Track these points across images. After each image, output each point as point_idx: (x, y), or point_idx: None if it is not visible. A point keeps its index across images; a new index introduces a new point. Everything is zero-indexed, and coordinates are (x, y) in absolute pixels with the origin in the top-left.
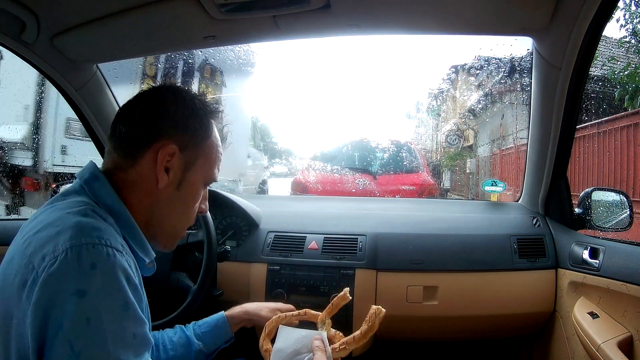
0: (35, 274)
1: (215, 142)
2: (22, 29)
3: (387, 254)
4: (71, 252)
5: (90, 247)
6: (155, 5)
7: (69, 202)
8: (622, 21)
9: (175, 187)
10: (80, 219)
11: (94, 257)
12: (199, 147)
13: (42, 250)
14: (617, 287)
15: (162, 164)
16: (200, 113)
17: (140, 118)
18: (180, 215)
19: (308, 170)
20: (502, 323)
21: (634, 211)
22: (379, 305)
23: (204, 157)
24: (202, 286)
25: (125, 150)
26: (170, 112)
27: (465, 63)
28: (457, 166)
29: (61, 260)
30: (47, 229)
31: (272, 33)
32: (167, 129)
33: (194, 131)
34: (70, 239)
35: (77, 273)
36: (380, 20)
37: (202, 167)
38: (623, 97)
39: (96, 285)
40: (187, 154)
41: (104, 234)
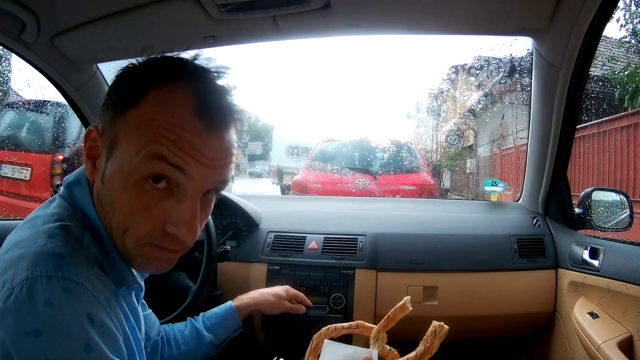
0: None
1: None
2: (22, 29)
3: (387, 254)
4: (26, 286)
5: (45, 281)
6: (155, 5)
7: (45, 215)
8: (622, 21)
9: (100, 180)
10: (44, 242)
11: (48, 293)
12: (116, 122)
13: (4, 275)
14: (617, 287)
15: (86, 151)
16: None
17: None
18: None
19: (308, 170)
20: (502, 323)
21: (634, 211)
22: (378, 305)
23: (125, 134)
24: (202, 286)
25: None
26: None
27: (465, 63)
28: (457, 166)
29: (16, 295)
30: (14, 249)
31: (272, 33)
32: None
33: (113, 103)
34: (26, 269)
35: (31, 311)
36: (380, 20)
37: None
38: (623, 97)
39: (52, 325)
40: (106, 135)
41: (64, 263)
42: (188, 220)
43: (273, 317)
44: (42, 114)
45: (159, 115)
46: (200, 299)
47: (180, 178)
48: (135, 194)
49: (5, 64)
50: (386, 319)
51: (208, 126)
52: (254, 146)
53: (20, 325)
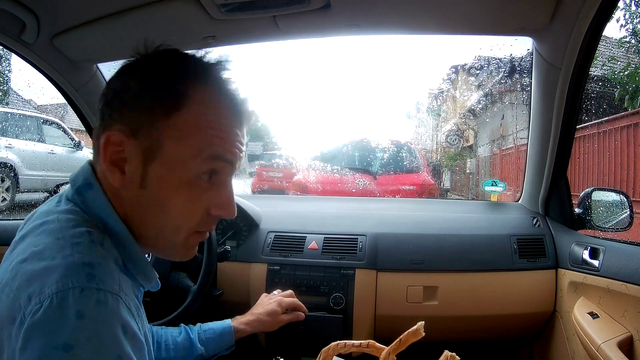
0: (22, 315)
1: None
2: (22, 29)
3: (387, 254)
4: (56, 299)
5: (78, 292)
6: (155, 6)
7: (60, 220)
8: (622, 21)
9: (138, 186)
10: (70, 252)
11: (81, 305)
12: (160, 126)
13: (28, 289)
14: (617, 287)
15: (108, 158)
16: (165, 77)
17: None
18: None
19: (308, 170)
20: (502, 323)
21: (634, 211)
22: (378, 305)
23: (176, 139)
24: (202, 286)
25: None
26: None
27: (465, 63)
28: (457, 166)
29: (46, 308)
30: (35, 260)
31: (272, 33)
32: (115, 111)
33: (149, 105)
34: (56, 282)
35: (62, 324)
36: (380, 20)
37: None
38: (623, 97)
39: (84, 338)
40: (143, 139)
41: (96, 273)
42: (231, 200)
43: None
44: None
45: (207, 117)
46: (200, 298)
47: (228, 170)
48: (189, 191)
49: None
50: (397, 342)
51: (241, 121)
52: (254, 146)
53: (50, 340)
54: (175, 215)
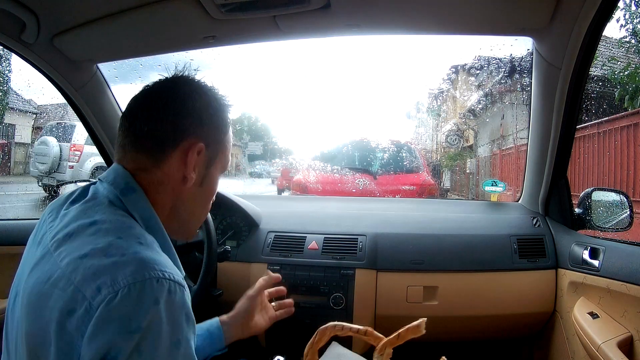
0: (88, 305)
1: (230, 135)
2: (22, 29)
3: (387, 254)
4: (134, 288)
5: (155, 282)
6: (155, 5)
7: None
8: (622, 21)
9: (199, 184)
10: (139, 249)
11: (157, 293)
12: (220, 142)
13: (97, 281)
14: (617, 287)
15: (191, 163)
16: (221, 107)
17: (165, 115)
18: (201, 209)
19: (308, 170)
20: (502, 323)
21: (634, 211)
22: (378, 305)
23: (223, 151)
24: (202, 286)
25: (149, 150)
26: (195, 107)
27: (465, 63)
28: (457, 166)
29: (123, 295)
30: (98, 256)
31: (272, 33)
32: (193, 127)
33: (217, 126)
34: (132, 274)
35: (139, 309)
36: (380, 20)
37: (221, 161)
38: (623, 97)
39: (155, 321)
40: (210, 151)
41: (166, 267)
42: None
43: None
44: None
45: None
46: (200, 298)
47: None
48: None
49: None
50: (396, 335)
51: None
52: (254, 146)
53: (126, 324)
54: (209, 201)
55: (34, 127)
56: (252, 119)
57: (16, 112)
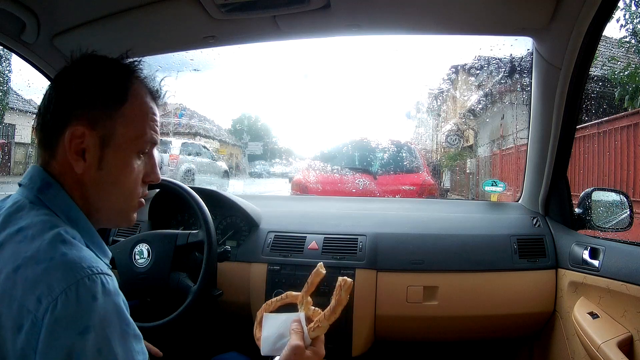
0: (34, 317)
1: (137, 103)
2: (22, 29)
3: (387, 254)
4: (70, 291)
5: (87, 280)
6: (155, 5)
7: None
8: (622, 21)
9: (96, 168)
10: (64, 251)
11: (92, 290)
12: (113, 117)
13: (35, 292)
14: (617, 287)
15: (73, 149)
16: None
17: (49, 104)
18: (116, 195)
19: (308, 170)
20: (502, 323)
21: (634, 211)
22: (378, 305)
23: (124, 125)
24: (202, 286)
25: (44, 143)
26: (76, 89)
27: (465, 63)
28: (457, 166)
29: (63, 301)
30: (30, 265)
31: (272, 33)
32: (74, 110)
33: (103, 102)
34: (64, 278)
35: (81, 310)
36: (380, 20)
37: (126, 137)
38: (623, 97)
39: (99, 316)
40: (100, 130)
41: (91, 261)
42: (156, 167)
43: None
44: None
45: (143, 106)
46: (200, 298)
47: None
48: (134, 166)
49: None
50: (307, 284)
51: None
52: (254, 146)
53: (74, 328)
54: (126, 186)
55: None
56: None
57: (16, 112)
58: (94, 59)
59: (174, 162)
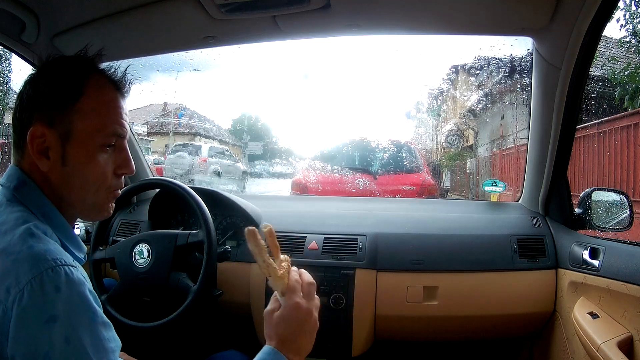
0: (4, 307)
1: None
2: (22, 29)
3: (387, 254)
4: (35, 282)
5: (50, 272)
6: (155, 5)
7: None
8: (622, 21)
9: (60, 165)
10: (31, 244)
11: (55, 281)
12: (68, 114)
13: (4, 283)
14: (617, 287)
15: (35, 149)
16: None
17: (15, 109)
18: (84, 190)
19: (308, 170)
20: (502, 323)
21: (634, 211)
22: (378, 305)
23: (82, 120)
24: (202, 286)
25: (15, 145)
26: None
27: (465, 63)
28: (457, 166)
29: (28, 292)
30: (1, 257)
31: (272, 33)
32: (34, 112)
33: (58, 100)
34: (30, 269)
35: (45, 300)
36: (380, 20)
37: (86, 131)
38: (623, 97)
39: (64, 306)
40: (58, 127)
41: (56, 254)
42: (129, 160)
43: None
44: None
45: (102, 97)
46: (200, 298)
47: (123, 140)
48: (98, 159)
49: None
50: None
51: (123, 95)
52: (254, 146)
53: (39, 317)
54: (92, 180)
55: None
56: (252, 119)
57: None
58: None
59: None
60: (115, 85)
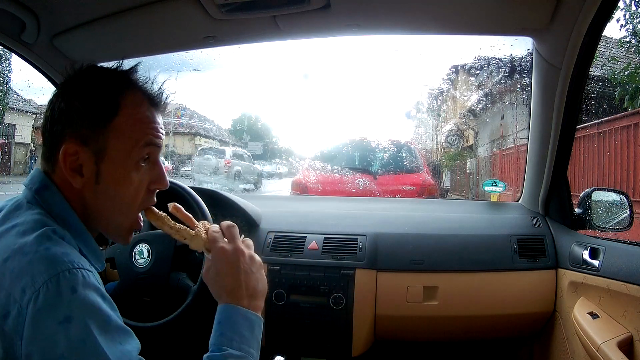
0: (19, 306)
1: (130, 114)
2: (22, 29)
3: (387, 254)
4: (51, 283)
5: (67, 273)
6: (155, 5)
7: (29, 222)
8: (622, 21)
9: (94, 182)
10: (48, 246)
11: (72, 282)
12: (103, 131)
13: (20, 282)
14: (617, 287)
15: (68, 166)
16: (98, 94)
17: (46, 123)
18: (115, 208)
19: (308, 170)
20: (502, 323)
21: (634, 211)
22: (378, 305)
23: (117, 138)
24: (202, 286)
25: (46, 156)
26: (66, 108)
27: (465, 63)
28: (457, 166)
29: (44, 293)
30: (17, 257)
31: (272, 33)
32: (66, 128)
33: (92, 118)
34: (46, 270)
35: (61, 301)
36: (380, 20)
37: (121, 150)
38: (623, 97)
39: (80, 307)
40: (92, 145)
41: (73, 257)
42: (163, 173)
43: (273, 316)
44: None
45: (137, 115)
46: (200, 298)
47: (158, 151)
48: (133, 176)
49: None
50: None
51: (159, 110)
52: (254, 146)
53: (55, 317)
54: (125, 198)
55: (34, 127)
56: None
57: (16, 112)
58: (86, 73)
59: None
60: (151, 101)
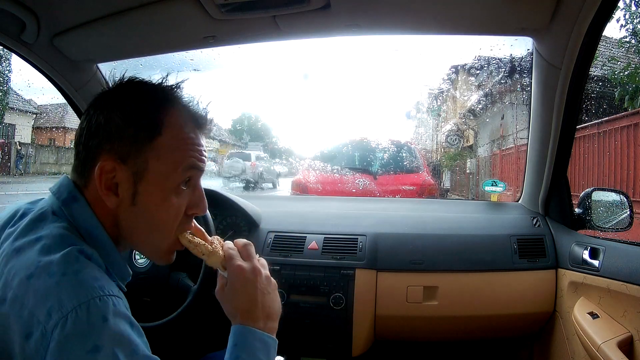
0: (43, 329)
1: (173, 134)
2: (22, 29)
3: (387, 254)
4: (81, 310)
5: (98, 301)
6: (155, 5)
7: (55, 236)
8: (622, 21)
9: (130, 204)
10: (78, 268)
11: (103, 310)
12: (145, 151)
13: (46, 305)
14: (617, 287)
15: (104, 184)
16: (141, 111)
17: (81, 135)
18: (151, 233)
19: (308, 170)
20: (502, 323)
21: (634, 211)
22: (378, 305)
23: (158, 159)
24: (202, 286)
25: (78, 170)
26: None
27: (465, 63)
28: (457, 166)
29: (73, 319)
30: (42, 276)
31: (272, 33)
32: (104, 144)
33: (134, 136)
34: (76, 296)
35: (91, 330)
36: (380, 20)
37: (162, 172)
38: (623, 97)
39: (109, 337)
40: (132, 164)
41: (103, 282)
42: (203, 198)
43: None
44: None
45: (181, 135)
46: (200, 298)
47: (199, 174)
48: (172, 199)
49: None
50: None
51: (202, 132)
52: (254, 146)
53: (83, 346)
54: (162, 222)
55: (33, 127)
56: (252, 119)
57: (16, 112)
58: (128, 87)
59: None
60: (196, 122)
